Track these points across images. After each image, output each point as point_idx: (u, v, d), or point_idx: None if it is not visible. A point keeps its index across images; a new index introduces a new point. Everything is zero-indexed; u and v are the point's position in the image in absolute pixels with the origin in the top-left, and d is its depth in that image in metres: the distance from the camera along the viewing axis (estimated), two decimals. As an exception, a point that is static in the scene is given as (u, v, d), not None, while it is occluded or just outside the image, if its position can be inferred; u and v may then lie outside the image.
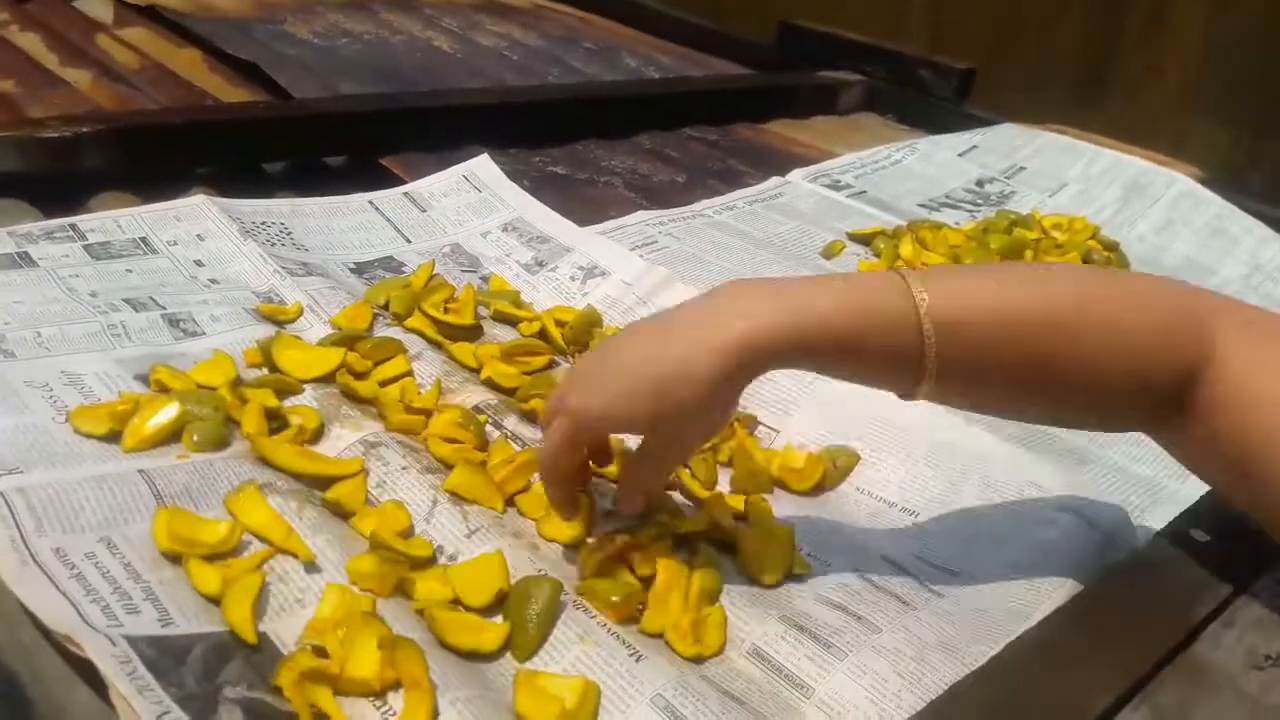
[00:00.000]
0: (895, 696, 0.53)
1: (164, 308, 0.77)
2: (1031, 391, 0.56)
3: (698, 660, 0.55)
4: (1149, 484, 0.77)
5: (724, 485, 0.70)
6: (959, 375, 0.55)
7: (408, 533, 0.60)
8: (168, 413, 0.64)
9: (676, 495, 0.67)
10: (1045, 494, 0.71)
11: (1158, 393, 0.55)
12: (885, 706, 0.53)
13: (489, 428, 0.71)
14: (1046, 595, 0.61)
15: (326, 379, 0.73)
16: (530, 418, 0.73)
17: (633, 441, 0.63)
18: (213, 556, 0.55)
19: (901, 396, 0.57)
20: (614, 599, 0.55)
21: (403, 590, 0.56)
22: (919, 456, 0.74)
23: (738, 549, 0.63)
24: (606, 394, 0.55)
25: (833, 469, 0.72)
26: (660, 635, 0.56)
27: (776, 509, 0.67)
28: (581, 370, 0.59)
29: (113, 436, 0.63)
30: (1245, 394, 0.53)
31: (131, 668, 0.46)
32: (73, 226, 0.84)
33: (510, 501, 0.64)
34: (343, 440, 0.67)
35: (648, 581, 0.58)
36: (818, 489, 0.71)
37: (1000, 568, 0.64)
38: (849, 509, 0.70)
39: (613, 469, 0.66)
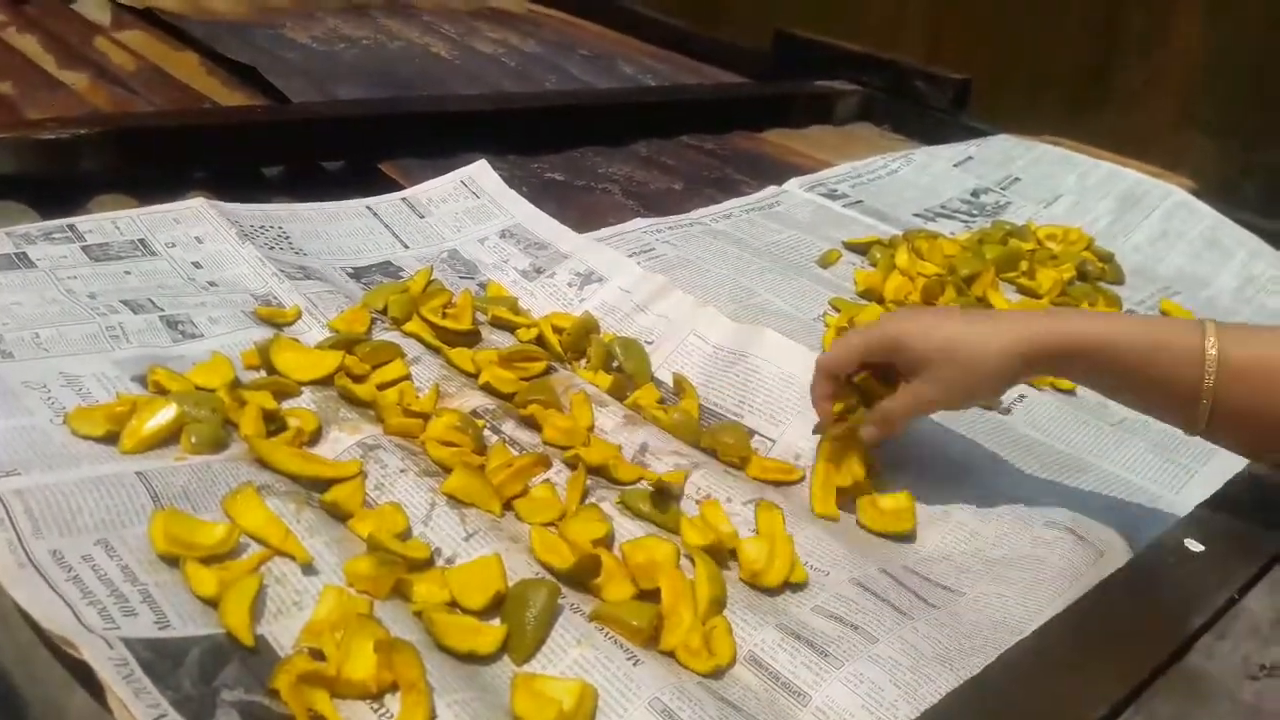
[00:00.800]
0: (891, 706, 0.53)
1: (162, 310, 0.77)
2: None
3: (715, 675, 0.55)
4: (1145, 494, 0.77)
5: (727, 491, 0.70)
6: (1237, 416, 0.60)
7: (405, 535, 0.60)
8: (166, 414, 0.64)
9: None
10: (1041, 506, 0.71)
11: None
12: (881, 715, 0.53)
13: (487, 432, 0.71)
14: (1043, 607, 0.62)
15: (325, 382, 0.73)
16: (528, 422, 0.73)
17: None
18: (210, 559, 0.55)
19: (1185, 431, 0.62)
20: (634, 623, 0.55)
21: (400, 592, 0.56)
22: (914, 472, 0.74)
23: (738, 555, 0.63)
24: (916, 324, 0.66)
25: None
26: (679, 651, 0.56)
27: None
28: (906, 309, 0.72)
29: (110, 438, 0.63)
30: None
31: (128, 670, 0.46)
32: (71, 228, 0.84)
33: (508, 505, 0.65)
34: (341, 443, 0.67)
35: (651, 595, 0.58)
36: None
37: (996, 580, 0.65)
38: (846, 520, 0.70)
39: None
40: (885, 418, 0.69)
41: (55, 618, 0.48)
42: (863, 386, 0.72)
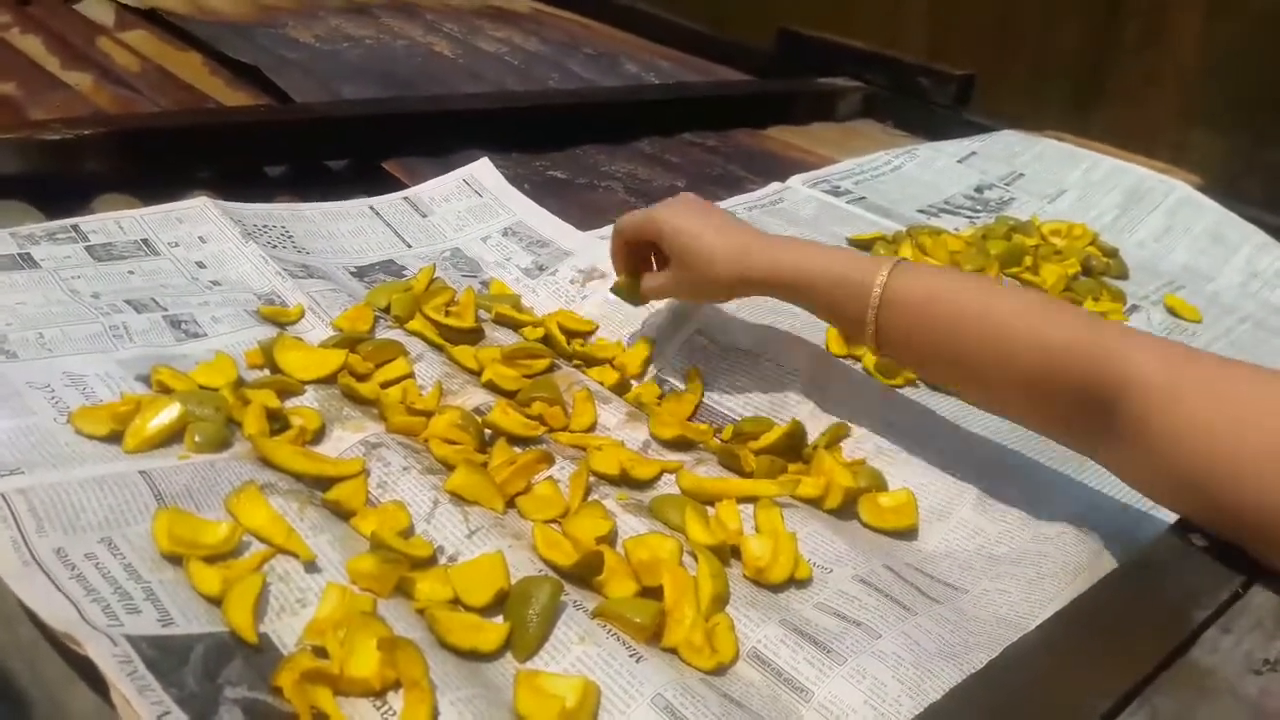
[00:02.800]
0: (895, 702, 0.53)
1: (166, 309, 0.77)
2: (952, 372, 0.70)
3: (718, 672, 0.55)
4: (1147, 489, 0.77)
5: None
6: (897, 345, 0.70)
7: (408, 533, 0.60)
8: (169, 414, 0.64)
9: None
10: (1044, 501, 0.71)
11: (1065, 404, 0.62)
12: (884, 711, 0.53)
13: (489, 430, 0.71)
14: (1045, 603, 0.62)
15: (328, 380, 0.73)
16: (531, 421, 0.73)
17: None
18: (213, 558, 0.55)
19: (872, 353, 0.74)
20: (637, 620, 0.55)
21: (403, 590, 0.56)
22: (919, 465, 0.74)
23: (742, 552, 0.63)
24: (680, 222, 0.77)
25: (856, 489, 0.72)
26: (682, 649, 0.56)
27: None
28: (681, 198, 0.81)
29: (114, 437, 0.63)
30: (1176, 419, 0.57)
31: (132, 667, 0.46)
32: (75, 228, 0.84)
33: (511, 502, 0.65)
34: (344, 441, 0.67)
35: (653, 593, 0.58)
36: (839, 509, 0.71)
37: (999, 577, 0.65)
38: (849, 518, 0.70)
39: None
40: (647, 287, 0.82)
41: (59, 615, 0.48)
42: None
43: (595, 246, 0.97)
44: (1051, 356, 0.62)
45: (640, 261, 0.83)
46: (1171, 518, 0.63)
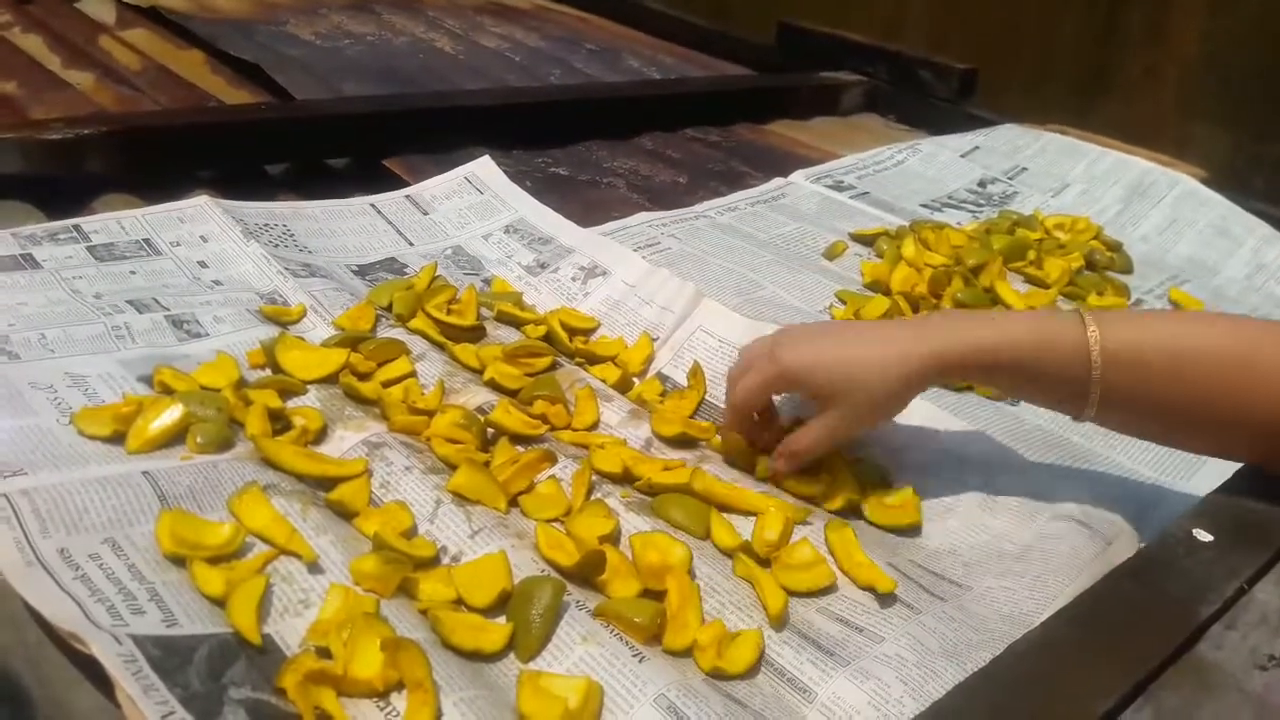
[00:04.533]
0: (897, 702, 0.53)
1: (167, 309, 0.77)
2: (1193, 425, 0.63)
3: (718, 676, 0.55)
4: (1153, 483, 0.77)
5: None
6: (1124, 404, 0.63)
7: (411, 533, 0.60)
8: (171, 414, 0.64)
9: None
10: (1049, 497, 0.71)
11: None
12: (887, 711, 0.53)
13: (491, 429, 0.71)
14: (1050, 600, 0.61)
15: (330, 380, 0.73)
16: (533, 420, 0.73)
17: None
18: (216, 559, 0.55)
19: (1074, 418, 0.65)
20: (637, 620, 0.55)
21: (406, 591, 0.56)
22: (923, 462, 0.74)
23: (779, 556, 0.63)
24: (813, 355, 0.66)
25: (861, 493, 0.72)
26: (685, 652, 0.56)
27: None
28: (791, 333, 0.70)
29: (117, 438, 0.63)
30: None
31: (137, 667, 0.46)
32: (76, 228, 0.84)
33: (514, 502, 0.65)
34: (346, 441, 0.67)
35: (657, 593, 0.58)
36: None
37: (1004, 574, 0.65)
38: (853, 517, 0.70)
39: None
40: (794, 451, 0.69)
41: (64, 614, 0.49)
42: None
43: (597, 243, 0.97)
44: None
45: (752, 425, 0.73)
46: (1177, 513, 0.63)
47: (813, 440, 0.68)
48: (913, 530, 0.69)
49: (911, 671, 0.55)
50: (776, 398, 0.75)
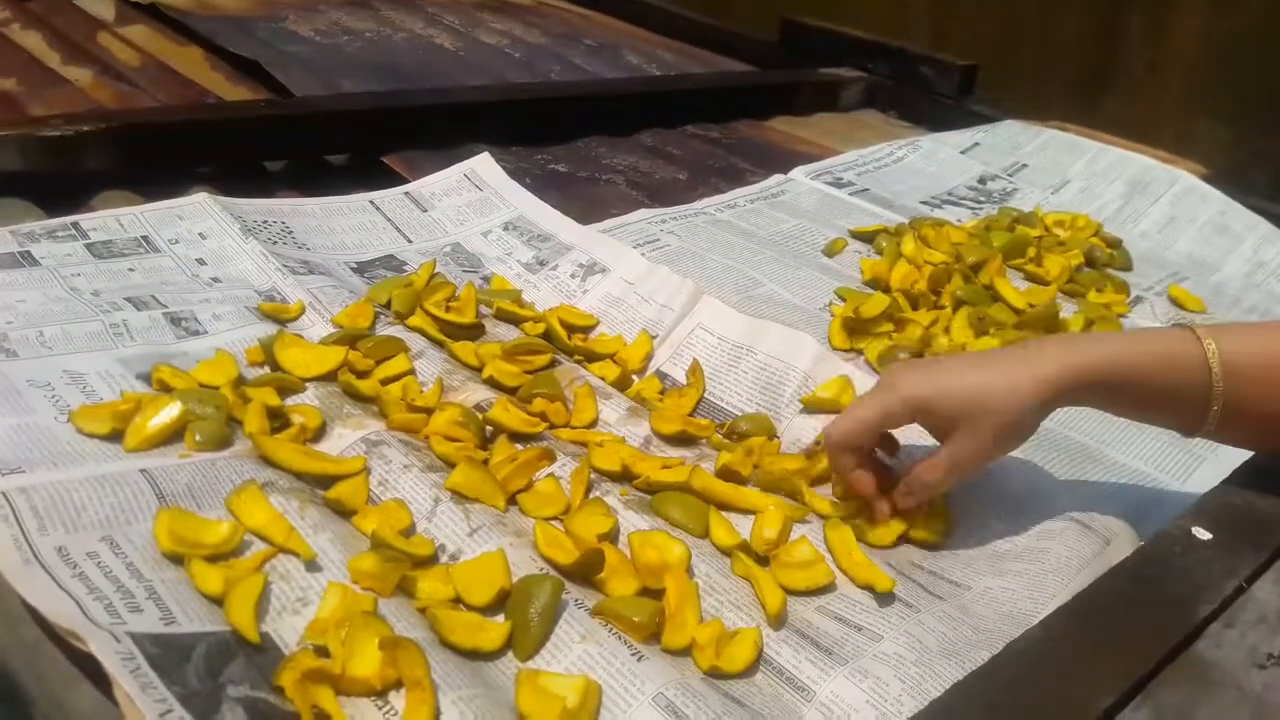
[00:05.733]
0: (896, 701, 0.53)
1: (166, 306, 0.77)
2: None
3: (717, 675, 0.54)
4: (1152, 482, 0.77)
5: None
6: (1248, 418, 0.62)
7: (409, 531, 0.60)
8: (170, 412, 0.64)
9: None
10: (1048, 496, 0.71)
11: None
12: (886, 710, 0.53)
13: (490, 426, 0.71)
14: (1049, 599, 0.61)
15: (328, 378, 0.73)
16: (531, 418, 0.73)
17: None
18: (214, 557, 0.55)
19: (1185, 434, 0.65)
20: (635, 618, 0.55)
21: (405, 589, 0.56)
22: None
23: (777, 555, 0.63)
24: (935, 382, 0.63)
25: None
26: (684, 651, 0.56)
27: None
28: (902, 368, 0.67)
29: (115, 436, 0.63)
30: None
31: (135, 665, 0.46)
32: (75, 225, 0.84)
33: (512, 500, 0.64)
34: (344, 439, 0.67)
35: (655, 591, 0.58)
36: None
37: (1003, 574, 0.65)
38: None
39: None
40: (925, 485, 0.65)
41: (62, 612, 0.49)
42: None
43: (596, 241, 0.96)
44: None
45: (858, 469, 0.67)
46: (1176, 511, 0.63)
47: (943, 473, 0.64)
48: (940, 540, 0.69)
49: (910, 670, 0.55)
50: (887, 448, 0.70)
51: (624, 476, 0.68)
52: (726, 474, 0.69)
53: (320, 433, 0.68)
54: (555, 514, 0.64)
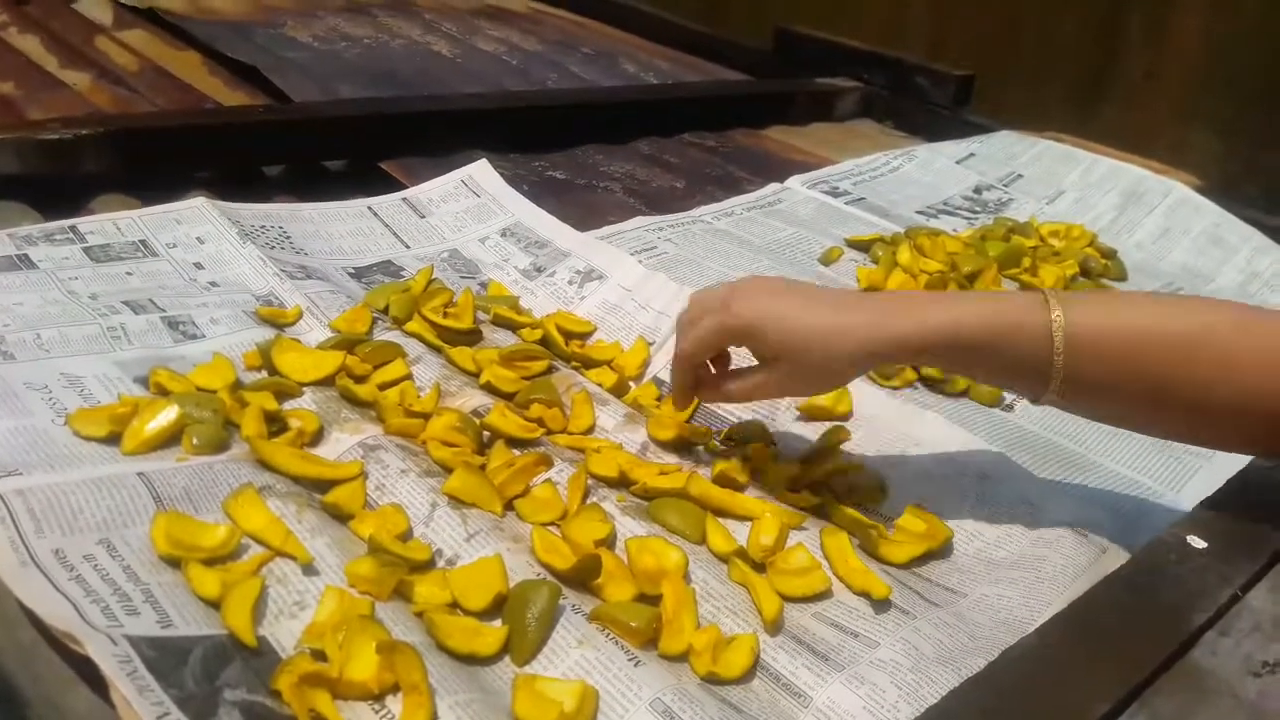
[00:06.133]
0: (892, 708, 0.53)
1: (163, 310, 0.77)
2: (1159, 412, 0.61)
3: (713, 681, 0.55)
4: (1147, 491, 0.77)
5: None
6: (1089, 390, 0.61)
7: (407, 536, 0.60)
8: (167, 415, 0.64)
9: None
10: (1043, 505, 0.71)
11: None
12: (882, 716, 0.53)
13: (487, 432, 0.71)
14: (1044, 606, 0.62)
15: (326, 382, 0.73)
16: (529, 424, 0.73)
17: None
18: (211, 561, 0.55)
19: (1031, 401, 0.63)
20: (633, 624, 0.55)
21: (402, 593, 0.56)
22: (918, 468, 0.74)
23: (774, 562, 0.63)
24: (773, 310, 0.64)
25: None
26: (681, 657, 0.56)
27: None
28: (750, 284, 0.67)
29: (112, 439, 0.63)
30: None
31: (132, 667, 0.46)
32: (72, 229, 0.84)
33: (509, 505, 0.64)
34: (342, 443, 0.67)
35: (652, 597, 0.58)
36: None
37: (998, 581, 0.65)
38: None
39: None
40: (728, 396, 0.70)
41: (59, 615, 0.48)
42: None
43: (593, 247, 0.97)
44: None
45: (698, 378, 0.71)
46: (1171, 520, 0.63)
47: (753, 387, 0.67)
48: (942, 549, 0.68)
49: (906, 677, 0.55)
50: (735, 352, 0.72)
51: (621, 482, 0.68)
52: (723, 480, 0.69)
53: (318, 437, 0.68)
54: (552, 519, 0.64)
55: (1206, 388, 0.58)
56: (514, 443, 0.70)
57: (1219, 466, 0.75)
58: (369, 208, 1.00)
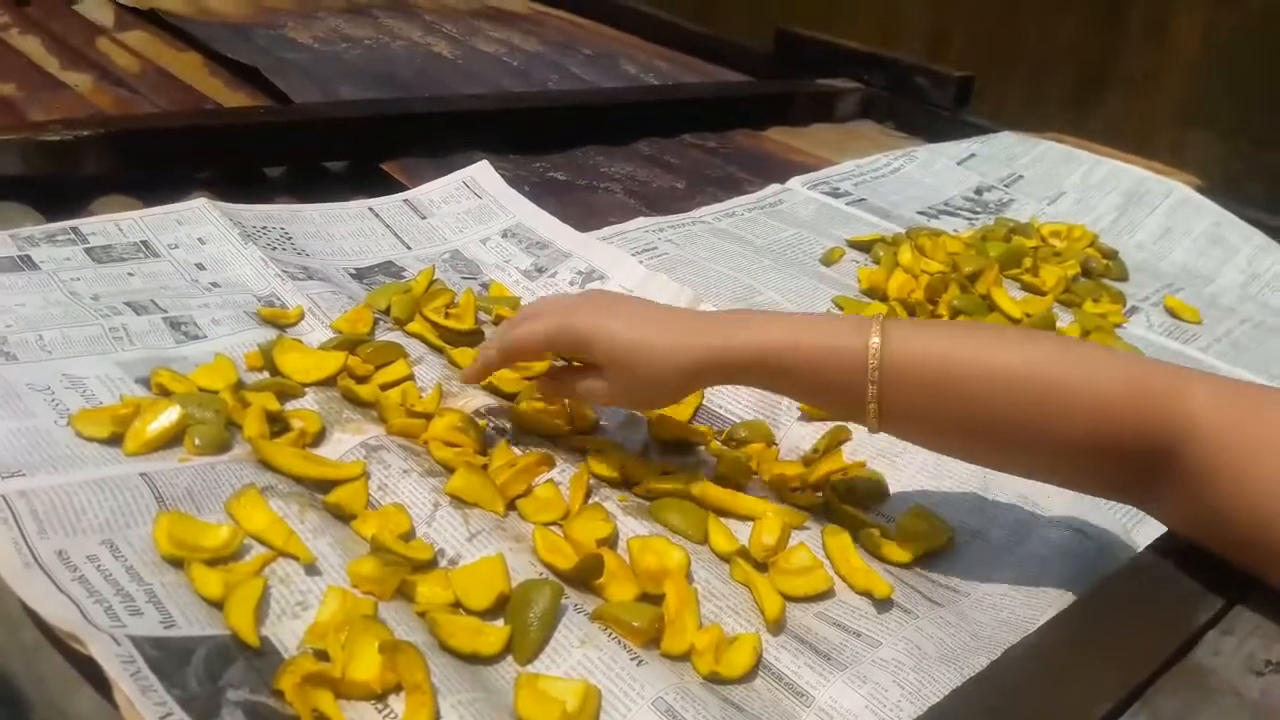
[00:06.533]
0: (895, 707, 0.53)
1: (165, 311, 0.77)
2: (979, 443, 0.60)
3: (716, 680, 0.55)
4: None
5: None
6: (905, 418, 0.60)
7: (409, 536, 0.60)
8: (169, 416, 0.64)
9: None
10: (1046, 504, 0.71)
11: (1121, 459, 0.56)
12: (885, 715, 0.53)
13: (490, 432, 0.71)
14: (1045, 607, 0.62)
15: (328, 383, 0.73)
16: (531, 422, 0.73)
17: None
18: (214, 561, 0.55)
19: (869, 431, 0.61)
20: (635, 624, 0.55)
21: (404, 593, 0.56)
22: (919, 468, 0.74)
23: (776, 561, 0.63)
24: (605, 324, 0.64)
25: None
26: (683, 657, 0.56)
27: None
28: (595, 297, 0.71)
29: (114, 440, 0.63)
30: (1240, 472, 0.53)
31: (135, 668, 0.46)
32: (74, 230, 0.84)
33: (511, 505, 0.65)
34: (344, 444, 0.67)
35: (655, 596, 0.58)
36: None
37: (999, 582, 0.65)
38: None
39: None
40: (557, 390, 0.70)
41: (62, 615, 0.48)
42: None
43: (595, 248, 0.97)
44: (1107, 413, 0.55)
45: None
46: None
47: (590, 389, 0.67)
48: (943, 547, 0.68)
49: (909, 676, 0.55)
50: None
51: (623, 483, 0.68)
52: (725, 480, 0.69)
53: (319, 437, 0.68)
54: (554, 519, 0.64)
55: (1025, 424, 0.56)
56: (521, 440, 0.70)
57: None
58: (370, 209, 1.00)
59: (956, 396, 0.57)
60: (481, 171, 1.08)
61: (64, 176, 0.95)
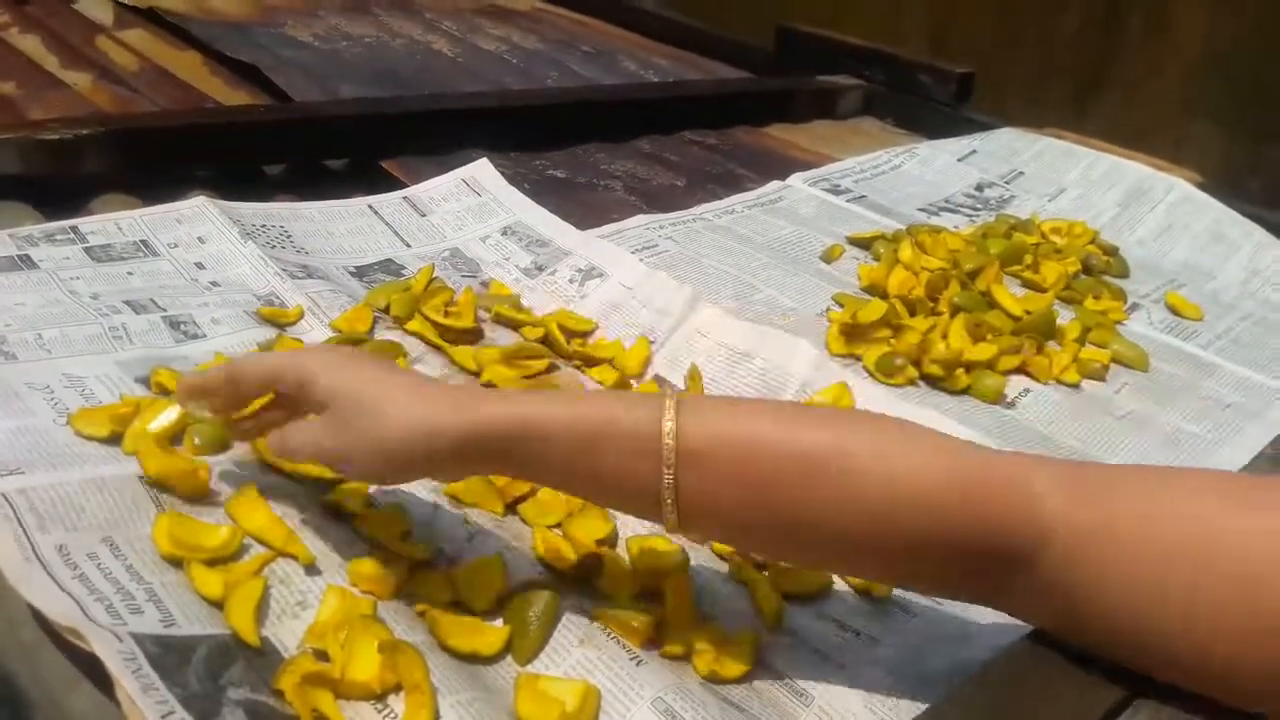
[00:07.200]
0: (893, 705, 0.53)
1: (165, 310, 0.77)
2: (788, 538, 0.51)
3: (715, 680, 0.55)
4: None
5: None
6: (708, 512, 0.50)
7: (409, 535, 0.60)
8: (169, 415, 0.64)
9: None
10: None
11: (957, 555, 0.49)
12: (883, 714, 0.53)
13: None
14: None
15: (327, 382, 0.73)
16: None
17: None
18: (214, 561, 0.55)
19: (667, 531, 0.52)
20: (634, 624, 0.55)
21: (404, 593, 0.56)
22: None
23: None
24: (342, 366, 0.54)
25: None
26: (682, 656, 0.56)
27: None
28: (346, 351, 0.59)
29: (114, 439, 0.63)
30: (1100, 573, 0.48)
31: (137, 665, 0.46)
32: (73, 229, 0.84)
33: (513, 508, 0.65)
34: (343, 443, 0.67)
35: (655, 593, 0.58)
36: None
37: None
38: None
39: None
40: (281, 444, 0.56)
41: (63, 611, 0.48)
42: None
43: (595, 246, 0.97)
44: (930, 502, 0.48)
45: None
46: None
47: (296, 441, 0.55)
48: None
49: (908, 675, 0.55)
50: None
51: None
52: None
53: (319, 437, 0.68)
54: (555, 522, 0.64)
55: (840, 513, 0.48)
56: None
57: (1221, 465, 0.75)
58: (370, 207, 1.00)
59: (762, 483, 0.49)
60: (481, 169, 1.08)
61: (63, 175, 0.94)
